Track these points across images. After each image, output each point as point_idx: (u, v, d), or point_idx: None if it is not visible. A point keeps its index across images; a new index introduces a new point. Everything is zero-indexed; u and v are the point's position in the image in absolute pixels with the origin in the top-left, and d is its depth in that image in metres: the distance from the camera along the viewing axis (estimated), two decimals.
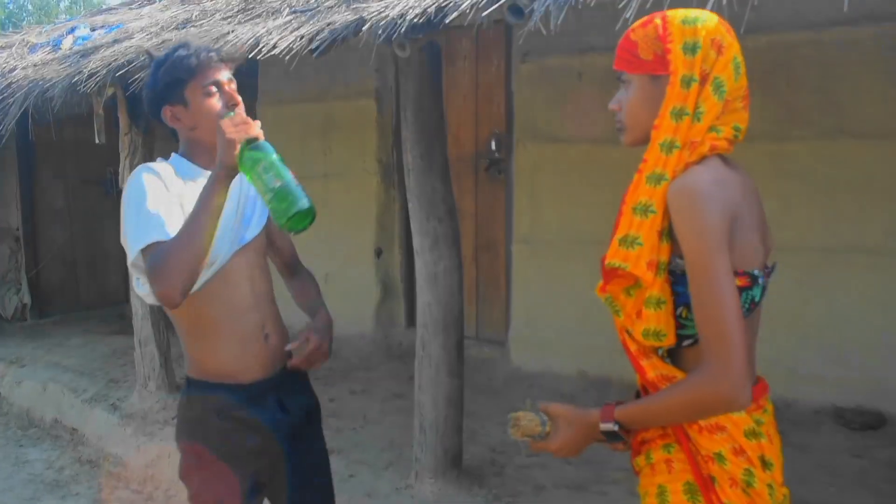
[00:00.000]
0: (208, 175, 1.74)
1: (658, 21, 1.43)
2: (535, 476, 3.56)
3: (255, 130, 1.70)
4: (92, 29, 5.97)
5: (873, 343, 3.90)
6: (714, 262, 1.32)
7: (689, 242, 1.35)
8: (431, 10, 2.59)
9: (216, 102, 1.89)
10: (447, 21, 2.54)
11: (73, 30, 6.04)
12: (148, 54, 3.59)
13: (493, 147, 5.24)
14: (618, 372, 4.43)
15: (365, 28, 2.82)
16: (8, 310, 7.40)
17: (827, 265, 4.01)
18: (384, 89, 5.70)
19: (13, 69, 5.46)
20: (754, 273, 1.42)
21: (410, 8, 2.67)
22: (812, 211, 4.01)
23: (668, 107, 1.39)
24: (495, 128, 5.24)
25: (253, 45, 3.26)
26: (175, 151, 1.99)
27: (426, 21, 2.62)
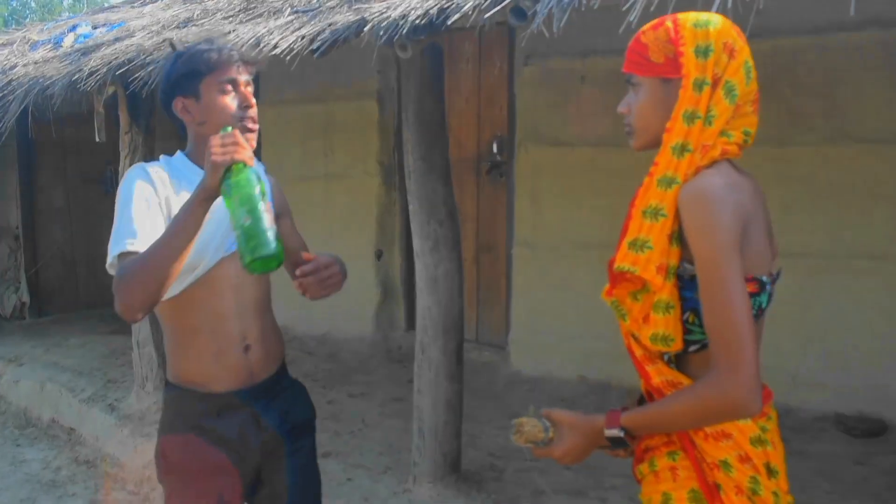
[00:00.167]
0: None
1: (669, 24, 1.42)
2: (535, 481, 3.54)
3: (243, 155, 1.60)
4: (93, 27, 5.96)
5: (875, 349, 3.88)
6: (726, 267, 1.31)
7: (702, 247, 1.33)
8: (433, 12, 2.57)
9: (230, 101, 1.84)
10: (449, 22, 2.52)
11: (75, 27, 6.03)
12: (171, 46, 3.56)
13: (495, 150, 5.22)
14: (618, 376, 4.42)
15: (366, 29, 2.81)
16: (7, 308, 7.39)
17: (829, 271, 3.99)
18: (386, 90, 5.69)
19: (14, 66, 5.45)
20: (763, 279, 1.41)
21: (412, 9, 2.65)
22: (815, 216, 3.99)
23: (681, 110, 1.38)
24: (497, 130, 5.22)
25: (254, 45, 3.24)
26: (181, 150, 1.95)
27: (428, 22, 2.60)
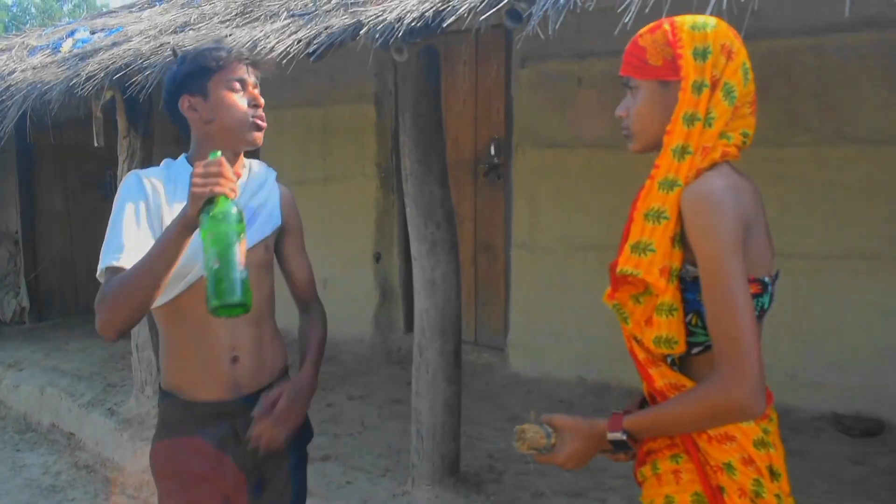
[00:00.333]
0: None
1: (667, 27, 1.42)
2: (534, 483, 3.54)
3: (224, 188, 1.53)
4: (91, 32, 5.97)
5: (872, 349, 3.89)
6: (730, 269, 1.31)
7: (705, 249, 1.34)
8: (429, 15, 2.58)
9: (239, 98, 1.82)
10: (445, 25, 2.53)
11: (73, 33, 6.03)
12: (173, 52, 3.57)
13: (493, 152, 5.23)
14: (616, 377, 4.43)
15: (362, 32, 2.81)
16: (6, 313, 7.39)
17: (826, 271, 4.00)
18: (384, 93, 5.70)
19: (12, 72, 5.45)
20: (764, 280, 1.42)
21: (408, 12, 2.66)
22: (811, 216, 4.00)
23: (681, 112, 1.39)
24: (494, 133, 5.23)
25: (250, 49, 3.25)
26: (185, 153, 1.93)
27: (424, 25, 2.61)
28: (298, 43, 3.10)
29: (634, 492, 1.60)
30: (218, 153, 1.59)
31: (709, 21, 1.42)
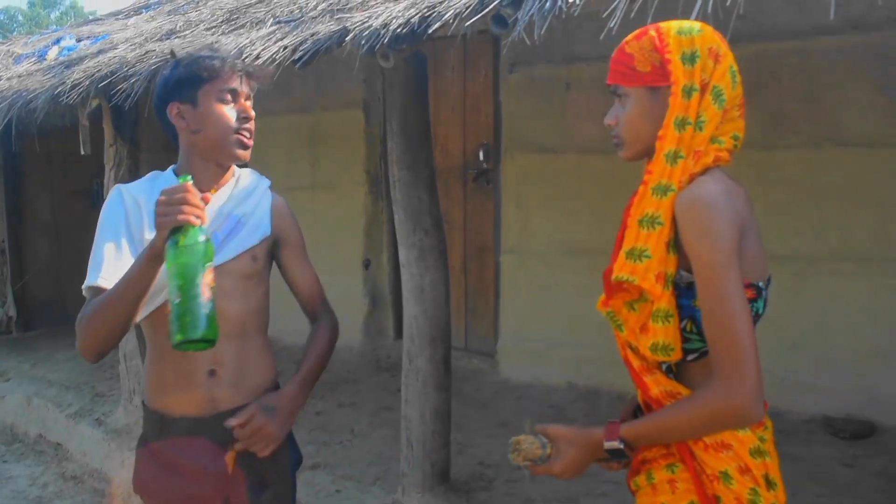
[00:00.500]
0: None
1: (653, 33, 1.42)
2: (525, 489, 3.53)
3: (188, 217, 1.47)
4: (77, 39, 5.95)
5: (862, 351, 3.89)
6: (726, 274, 1.31)
7: (701, 254, 1.33)
8: (415, 21, 2.57)
9: (228, 110, 1.77)
10: (430, 31, 2.52)
11: (59, 40, 6.02)
12: (171, 53, 3.54)
13: (482, 157, 5.22)
14: (607, 383, 4.41)
15: (348, 38, 2.80)
16: None
17: (815, 273, 4.00)
18: (372, 100, 5.69)
19: None
20: (759, 285, 1.41)
21: (394, 18, 2.65)
22: (799, 219, 4.01)
23: (672, 117, 1.38)
24: (483, 138, 5.23)
25: (236, 56, 3.23)
26: (174, 163, 1.89)
27: (410, 31, 2.60)
28: (284, 50, 3.09)
29: (626, 498, 1.59)
30: (188, 178, 1.53)
31: (694, 25, 1.42)
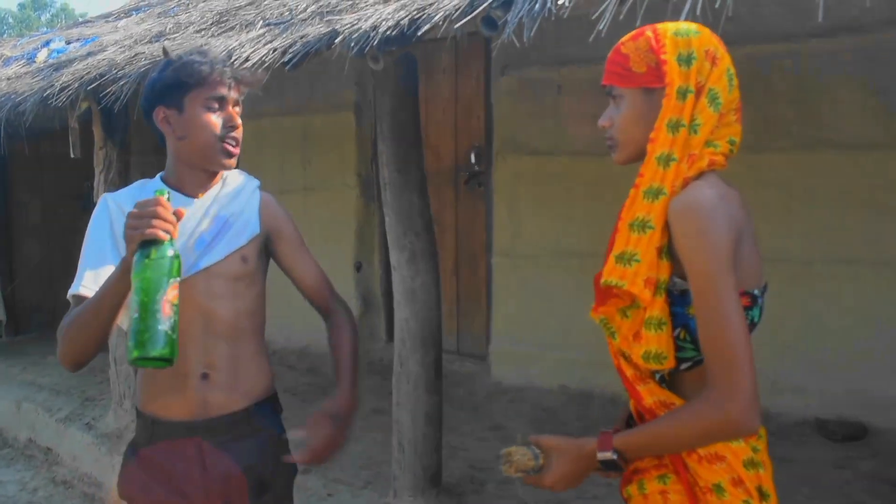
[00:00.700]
0: (184, 204, 1.63)
1: (649, 33, 1.39)
2: (516, 493, 3.51)
3: (156, 231, 1.43)
4: (67, 42, 5.92)
5: (854, 353, 3.89)
6: (721, 282, 1.28)
7: (695, 261, 1.30)
8: (405, 23, 2.56)
9: (214, 118, 1.75)
10: (420, 33, 2.51)
11: (49, 43, 5.99)
12: (164, 52, 3.52)
13: (473, 160, 5.21)
14: (599, 385, 4.41)
15: (338, 41, 2.79)
16: None
17: (806, 276, 4.00)
18: (364, 102, 5.68)
19: None
20: (755, 293, 1.38)
21: (383, 20, 2.64)
22: (791, 222, 4.01)
23: (664, 119, 1.35)
24: (475, 141, 5.22)
25: (225, 61, 3.21)
26: (162, 169, 1.87)
27: (399, 34, 2.59)
28: (274, 52, 3.07)
29: (619, 501, 1.57)
30: (164, 192, 1.50)
31: (692, 27, 1.39)
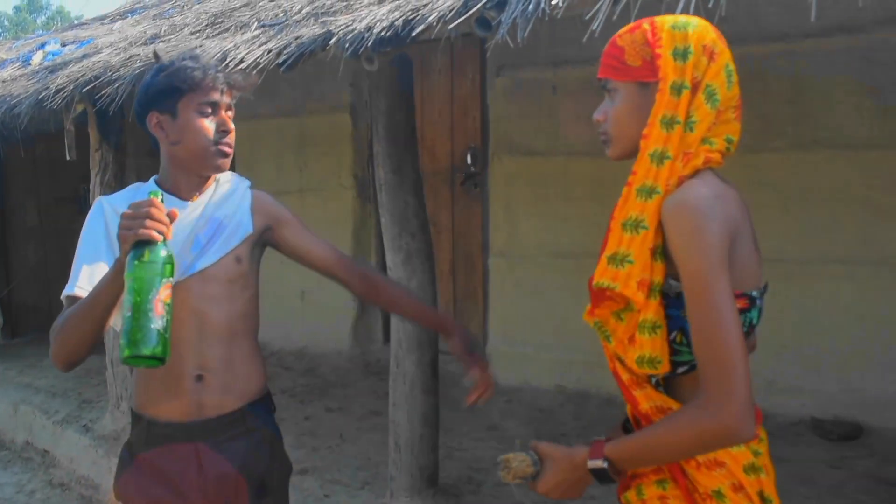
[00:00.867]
0: (177, 207, 1.64)
1: (646, 26, 1.35)
2: (513, 493, 3.51)
3: (149, 232, 1.43)
4: (62, 44, 5.91)
5: (849, 353, 3.90)
6: (715, 284, 1.23)
7: (689, 262, 1.26)
8: (399, 24, 2.56)
9: (207, 123, 1.76)
10: (414, 34, 2.51)
11: (44, 45, 5.98)
12: (155, 56, 3.51)
13: (469, 161, 5.22)
14: (596, 385, 4.41)
15: (332, 42, 2.78)
16: None
17: (802, 275, 4.00)
18: (359, 103, 5.68)
19: None
20: (752, 294, 1.36)
21: (378, 21, 2.64)
22: (786, 221, 4.01)
23: (658, 115, 1.31)
24: (471, 141, 5.22)
25: (220, 60, 3.22)
26: (157, 172, 1.88)
27: (394, 34, 2.58)
28: (269, 53, 3.07)
29: (616, 502, 1.57)
30: (158, 193, 1.50)
31: (691, 21, 1.35)
